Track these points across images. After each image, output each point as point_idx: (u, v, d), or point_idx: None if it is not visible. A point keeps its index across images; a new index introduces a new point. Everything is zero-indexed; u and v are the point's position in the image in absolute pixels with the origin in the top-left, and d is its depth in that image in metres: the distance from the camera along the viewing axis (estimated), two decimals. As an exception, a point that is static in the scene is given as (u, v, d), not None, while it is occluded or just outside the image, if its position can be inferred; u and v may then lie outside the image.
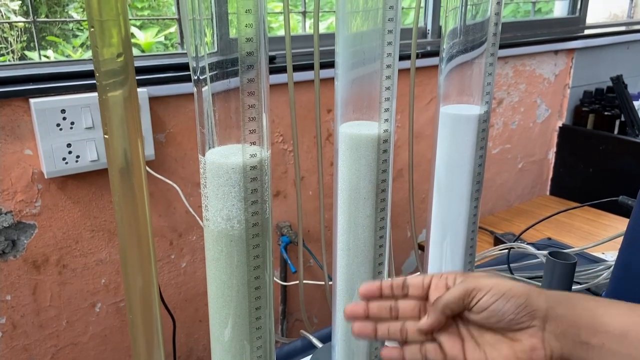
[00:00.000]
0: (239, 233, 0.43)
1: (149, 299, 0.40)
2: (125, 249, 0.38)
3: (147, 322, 0.41)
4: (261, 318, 0.46)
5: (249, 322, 0.45)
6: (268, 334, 0.47)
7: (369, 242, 0.51)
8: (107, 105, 0.34)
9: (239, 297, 0.44)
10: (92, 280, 1.03)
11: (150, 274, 0.40)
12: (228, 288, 0.44)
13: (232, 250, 0.43)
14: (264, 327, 0.46)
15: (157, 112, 1.02)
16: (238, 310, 0.45)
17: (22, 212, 0.93)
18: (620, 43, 1.86)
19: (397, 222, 1.46)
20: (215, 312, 0.46)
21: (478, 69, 0.55)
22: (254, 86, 0.39)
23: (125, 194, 0.37)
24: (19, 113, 0.89)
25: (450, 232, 0.61)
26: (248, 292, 0.44)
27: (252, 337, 0.46)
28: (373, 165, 0.49)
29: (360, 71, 0.48)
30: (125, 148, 0.36)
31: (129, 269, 0.39)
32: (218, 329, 0.46)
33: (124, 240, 0.38)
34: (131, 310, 0.40)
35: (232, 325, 0.45)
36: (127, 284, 0.40)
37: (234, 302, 0.44)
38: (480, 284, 0.40)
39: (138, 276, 0.40)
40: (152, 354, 0.42)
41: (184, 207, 1.08)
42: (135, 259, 0.39)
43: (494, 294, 0.40)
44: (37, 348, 1.01)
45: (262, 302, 0.45)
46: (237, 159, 0.41)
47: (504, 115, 1.65)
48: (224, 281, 0.44)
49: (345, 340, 0.55)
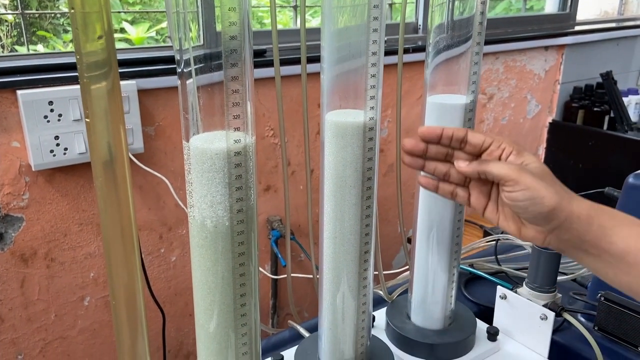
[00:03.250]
0: (224, 220, 0.42)
1: (133, 293, 0.40)
2: (109, 242, 0.38)
3: (132, 317, 0.40)
4: (246, 305, 0.46)
5: (233, 309, 0.45)
6: (253, 323, 0.47)
7: (354, 230, 0.51)
8: (90, 98, 0.34)
9: (223, 285, 0.44)
10: (80, 274, 1.03)
11: (134, 267, 0.40)
12: (213, 275, 0.44)
13: (217, 237, 0.43)
14: (249, 315, 0.46)
15: (146, 105, 1.01)
16: (223, 298, 0.45)
17: (10, 205, 0.93)
18: (611, 39, 1.87)
19: (387, 217, 1.47)
20: (200, 299, 0.46)
21: (464, 62, 0.55)
22: (238, 71, 0.39)
23: (109, 188, 0.36)
24: (6, 105, 0.88)
25: (436, 222, 0.61)
26: (233, 280, 0.44)
27: (237, 324, 0.46)
28: (359, 153, 0.49)
29: (345, 66, 0.48)
30: (108, 141, 0.35)
31: (113, 263, 0.39)
32: (203, 316, 0.46)
33: (107, 233, 0.38)
34: (115, 304, 0.39)
35: (217, 313, 0.45)
36: (110, 278, 0.39)
37: (218, 289, 0.44)
38: (521, 179, 0.44)
39: (122, 270, 0.39)
40: (136, 349, 0.41)
41: (174, 201, 1.08)
42: (120, 253, 0.38)
43: (527, 195, 0.43)
44: (25, 342, 1.00)
45: (247, 289, 0.45)
46: (221, 144, 0.41)
47: (495, 110, 1.65)
48: (208, 268, 0.44)
49: (331, 328, 0.55)
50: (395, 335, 0.63)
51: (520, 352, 0.64)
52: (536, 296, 0.64)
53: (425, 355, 0.60)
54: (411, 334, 0.62)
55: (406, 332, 0.62)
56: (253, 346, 0.48)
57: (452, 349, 0.61)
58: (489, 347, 0.64)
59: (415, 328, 0.63)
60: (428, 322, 0.63)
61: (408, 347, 0.62)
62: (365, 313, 0.55)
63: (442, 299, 0.62)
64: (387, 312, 0.66)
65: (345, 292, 0.53)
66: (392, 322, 0.64)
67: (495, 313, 0.68)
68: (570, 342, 0.67)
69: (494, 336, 0.64)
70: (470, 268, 0.79)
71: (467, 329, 0.63)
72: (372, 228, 0.52)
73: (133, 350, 0.41)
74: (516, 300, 0.65)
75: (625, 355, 0.65)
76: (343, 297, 0.54)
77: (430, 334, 0.62)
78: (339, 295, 0.54)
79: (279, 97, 0.57)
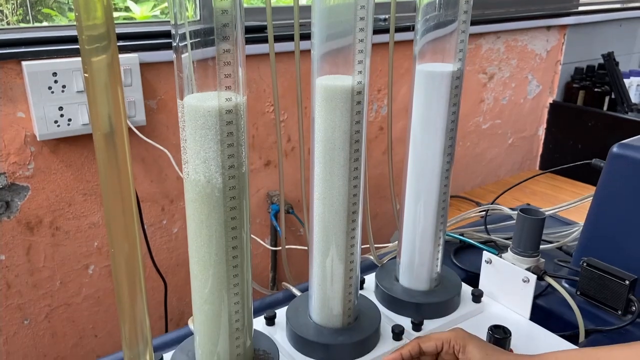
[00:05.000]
0: (216, 175, 0.45)
1: (134, 262, 0.41)
2: (110, 212, 0.39)
3: (132, 286, 0.41)
4: (237, 258, 0.48)
5: (225, 260, 0.48)
6: (245, 273, 0.50)
7: (343, 190, 0.54)
8: (91, 71, 0.36)
9: (216, 237, 0.47)
10: (85, 243, 1.06)
11: (135, 237, 0.41)
12: (206, 228, 0.47)
13: (210, 191, 0.45)
14: (241, 267, 0.49)
15: (148, 78, 1.03)
16: (216, 249, 0.47)
17: (16, 174, 0.95)
18: (613, 20, 1.87)
19: (385, 194, 1.49)
20: (194, 251, 0.48)
21: (452, 31, 0.56)
22: (229, 31, 0.41)
23: (110, 158, 0.38)
24: (12, 76, 0.90)
25: (424, 189, 0.63)
26: (225, 233, 0.47)
27: (229, 275, 0.48)
28: (347, 116, 0.51)
29: (334, 43, 0.50)
30: (109, 113, 0.37)
31: (114, 232, 0.40)
32: (196, 267, 0.48)
33: (108, 204, 0.39)
34: (116, 273, 0.41)
35: (212, 264, 0.48)
36: (112, 247, 0.40)
37: (213, 241, 0.47)
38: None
39: (124, 241, 0.40)
40: (136, 315, 0.42)
41: (175, 174, 1.11)
42: (120, 223, 0.40)
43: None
44: (31, 307, 1.04)
45: (238, 242, 0.48)
46: (214, 102, 0.43)
47: (495, 90, 1.66)
48: (202, 221, 0.46)
49: (321, 285, 0.58)
50: (383, 296, 0.66)
51: (503, 313, 0.67)
52: (520, 260, 0.66)
53: (412, 314, 0.63)
54: (398, 294, 0.65)
55: (394, 292, 0.65)
56: (245, 296, 0.50)
57: (437, 309, 0.64)
58: (473, 308, 0.66)
59: (402, 289, 0.66)
60: (415, 284, 0.66)
61: (395, 307, 0.65)
62: (353, 271, 0.57)
63: (428, 262, 0.65)
64: (376, 275, 0.69)
65: (333, 251, 0.56)
66: (380, 284, 0.67)
67: (480, 277, 0.70)
68: (553, 306, 0.70)
69: (478, 298, 0.67)
70: (460, 236, 0.81)
71: (452, 290, 0.66)
72: (360, 189, 0.55)
73: (133, 312, 0.43)
74: (500, 264, 0.67)
75: (606, 318, 0.67)
76: (332, 255, 0.56)
77: (417, 294, 0.65)
78: (328, 253, 0.56)
79: (272, 70, 0.58)
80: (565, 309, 0.67)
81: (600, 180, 0.68)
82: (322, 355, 0.56)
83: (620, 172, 0.66)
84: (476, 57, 1.56)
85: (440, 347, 0.52)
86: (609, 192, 0.68)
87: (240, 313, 0.50)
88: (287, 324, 0.60)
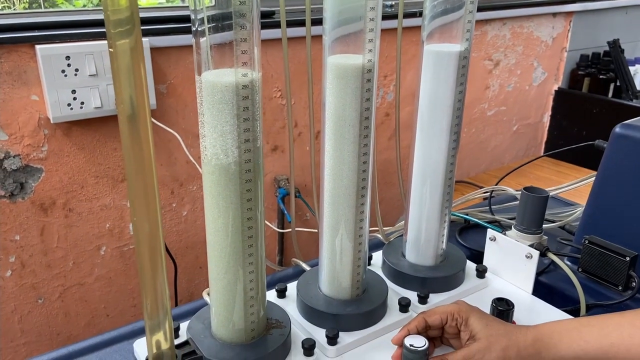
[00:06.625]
0: (232, 149, 0.47)
1: (155, 237, 0.42)
2: (134, 192, 0.41)
3: (154, 259, 0.43)
4: (252, 228, 0.50)
5: (241, 231, 0.50)
6: (259, 246, 0.52)
7: (353, 166, 0.56)
8: (115, 54, 0.37)
9: (233, 207, 0.49)
10: (97, 224, 1.08)
11: (156, 213, 0.42)
12: (223, 199, 0.49)
13: (227, 164, 0.47)
14: (255, 237, 0.51)
15: (158, 62, 1.05)
16: (233, 220, 0.49)
17: (30, 155, 0.98)
18: (619, 7, 1.87)
19: (391, 179, 1.51)
20: (211, 222, 0.50)
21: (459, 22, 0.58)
22: (246, 8, 0.43)
23: (133, 140, 0.39)
24: (25, 59, 0.92)
25: (431, 167, 0.65)
26: (241, 204, 0.49)
27: (245, 245, 0.50)
28: (357, 93, 0.53)
29: (346, 29, 0.52)
30: (131, 95, 0.38)
31: (137, 211, 0.41)
32: (213, 237, 0.51)
33: (132, 184, 0.40)
34: (139, 247, 0.42)
35: (228, 234, 0.50)
36: (135, 224, 0.42)
37: (230, 212, 0.49)
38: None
39: (144, 219, 0.42)
40: (157, 287, 0.44)
41: (185, 157, 1.13)
42: (142, 203, 0.41)
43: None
44: (45, 287, 1.07)
45: (253, 214, 0.50)
46: (230, 78, 0.45)
47: (500, 77, 1.67)
48: (219, 192, 0.48)
49: (330, 258, 0.60)
50: (390, 271, 0.68)
51: (506, 288, 0.69)
52: (523, 237, 0.68)
53: (418, 288, 0.65)
54: (405, 269, 0.67)
55: (400, 267, 0.67)
56: (259, 267, 0.53)
57: (442, 283, 0.66)
58: (477, 283, 0.68)
59: (408, 264, 0.68)
60: (421, 259, 0.68)
61: (402, 281, 0.67)
62: (362, 244, 0.59)
63: (434, 239, 0.67)
64: (383, 251, 0.71)
65: (343, 225, 0.58)
66: (387, 259, 0.69)
67: (485, 254, 0.72)
68: (555, 282, 0.72)
69: (482, 273, 0.69)
70: (465, 215, 0.83)
71: (457, 266, 0.68)
72: (369, 165, 0.57)
73: (154, 284, 0.45)
74: (504, 241, 0.69)
75: (606, 294, 0.69)
76: (341, 229, 0.58)
77: (423, 269, 0.67)
78: (338, 228, 0.58)
79: (285, 55, 0.60)
80: (567, 285, 0.69)
81: (602, 159, 0.70)
82: (332, 325, 0.58)
83: (622, 151, 0.68)
84: (482, 43, 1.57)
85: (445, 321, 0.54)
86: (611, 171, 0.70)
87: (254, 282, 0.52)
88: (297, 296, 0.62)
